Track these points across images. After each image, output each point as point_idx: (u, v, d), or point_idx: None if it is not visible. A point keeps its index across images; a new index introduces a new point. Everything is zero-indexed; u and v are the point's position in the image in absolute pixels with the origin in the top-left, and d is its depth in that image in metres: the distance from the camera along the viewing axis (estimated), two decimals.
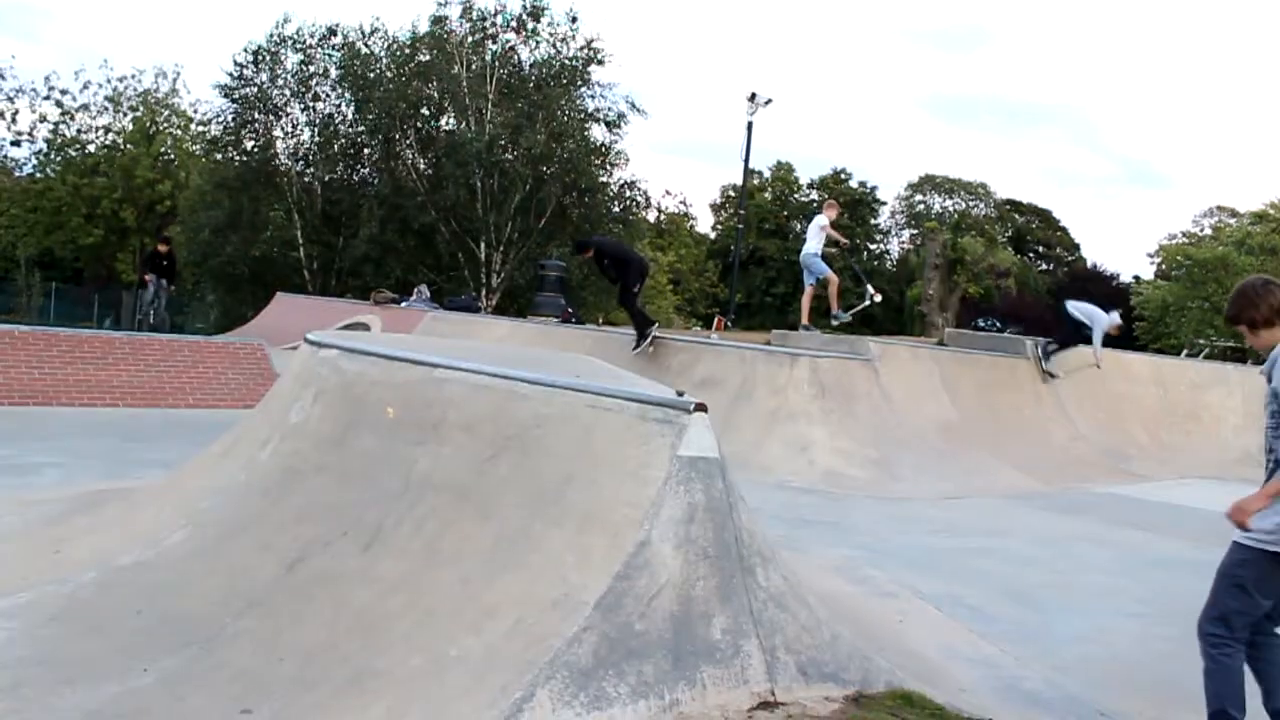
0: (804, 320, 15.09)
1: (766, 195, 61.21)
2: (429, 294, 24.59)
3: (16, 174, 43.49)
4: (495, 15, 33.93)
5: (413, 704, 3.57)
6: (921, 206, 63.38)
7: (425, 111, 34.71)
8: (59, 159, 41.86)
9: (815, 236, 14.98)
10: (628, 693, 3.49)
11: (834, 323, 15.31)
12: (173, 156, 43.05)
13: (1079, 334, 14.65)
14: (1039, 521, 9.66)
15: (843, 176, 61.69)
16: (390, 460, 5.07)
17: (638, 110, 35.65)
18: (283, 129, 35.67)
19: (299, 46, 34.73)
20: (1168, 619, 6.14)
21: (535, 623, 3.70)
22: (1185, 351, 29.51)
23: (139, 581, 4.92)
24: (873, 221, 61.18)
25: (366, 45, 35.24)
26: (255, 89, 34.68)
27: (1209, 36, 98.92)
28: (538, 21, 34.27)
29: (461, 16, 33.89)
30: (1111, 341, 15.42)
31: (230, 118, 35.33)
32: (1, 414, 10.97)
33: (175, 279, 22.78)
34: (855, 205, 59.66)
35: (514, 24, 34.15)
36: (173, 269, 22.25)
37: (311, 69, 35.02)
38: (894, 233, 64.50)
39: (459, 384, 5.12)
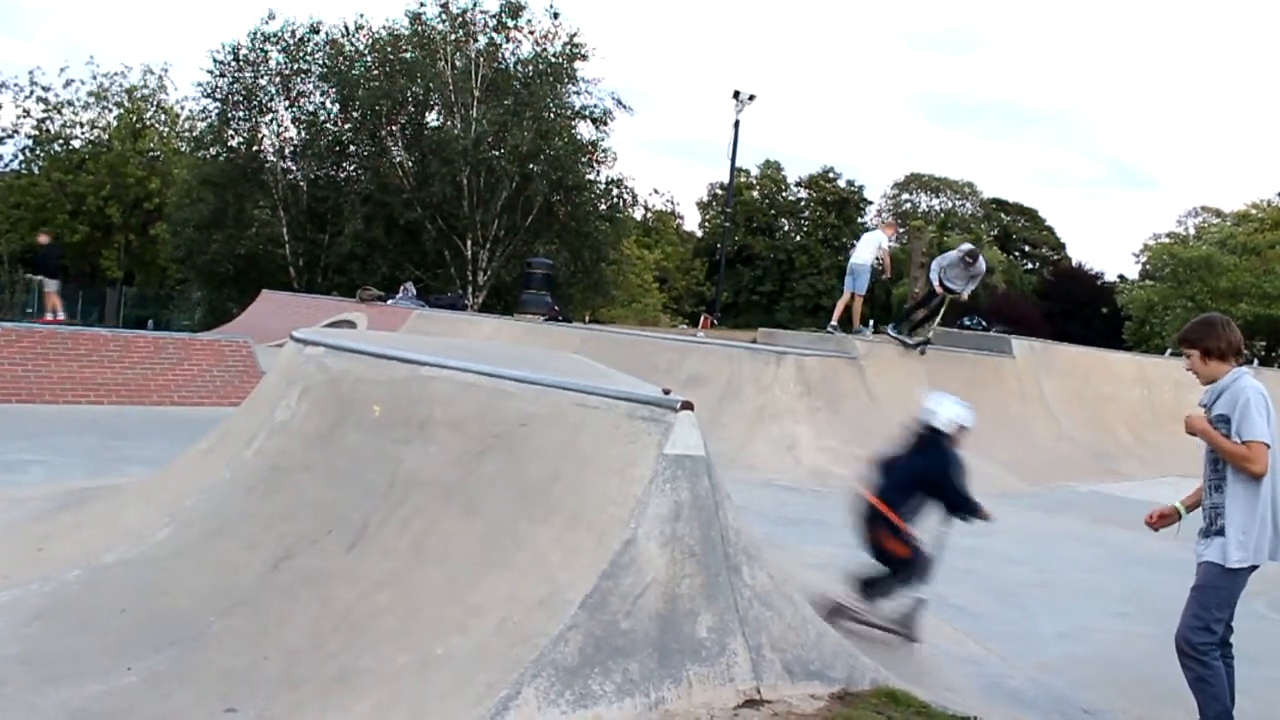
0: (835, 321, 15.19)
1: (754, 193, 61.16)
2: (415, 291, 24.53)
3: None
4: (473, 10, 33.79)
5: (398, 702, 3.56)
6: (908, 205, 63.52)
7: (411, 108, 34.56)
8: (43, 154, 41.44)
9: (870, 249, 14.93)
10: (613, 691, 3.50)
11: (829, 330, 15.34)
12: (159, 154, 42.69)
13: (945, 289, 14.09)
14: (1024, 520, 9.71)
15: (831, 175, 61.77)
16: (376, 458, 5.05)
17: (624, 107, 35.45)
18: (268, 126, 35.48)
19: (283, 46, 34.54)
20: (1150, 617, 6.19)
21: (521, 621, 3.70)
22: (1169, 351, 29.61)
23: (124, 579, 4.89)
24: (859, 220, 61.25)
25: (351, 42, 35.08)
26: (239, 86, 34.47)
27: (1197, 39, 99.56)
28: (516, 19, 34.16)
29: (440, 14, 33.76)
30: (1096, 341, 15.39)
31: (214, 115, 35.13)
32: None
33: None
34: (842, 204, 59.75)
35: (493, 23, 34.03)
36: None
37: (295, 66, 34.82)
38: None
39: (446, 382, 5.10)
